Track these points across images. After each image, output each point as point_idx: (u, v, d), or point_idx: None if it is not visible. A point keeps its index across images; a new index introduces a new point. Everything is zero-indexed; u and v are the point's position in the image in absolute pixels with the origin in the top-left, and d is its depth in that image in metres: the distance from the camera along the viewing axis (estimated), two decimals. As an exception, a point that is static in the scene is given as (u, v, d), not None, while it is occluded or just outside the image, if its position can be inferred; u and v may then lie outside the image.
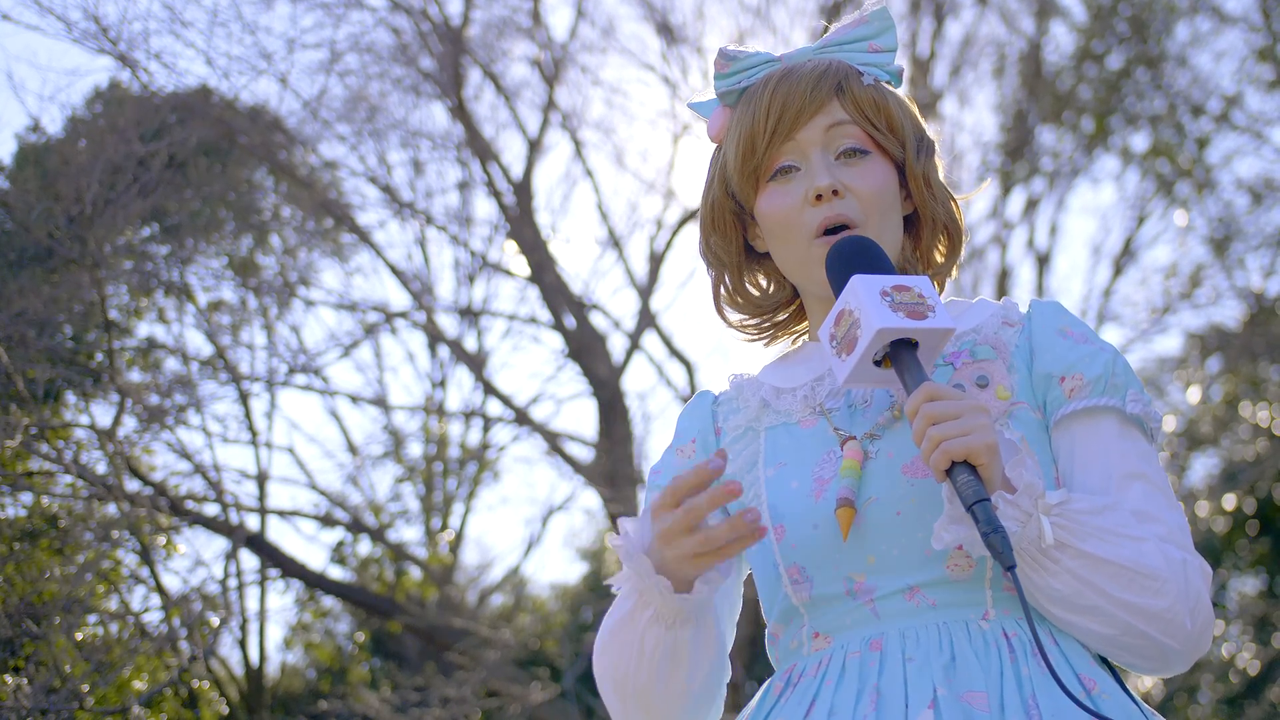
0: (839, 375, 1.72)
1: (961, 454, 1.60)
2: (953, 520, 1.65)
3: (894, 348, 1.68)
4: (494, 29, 10.27)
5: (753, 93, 1.91)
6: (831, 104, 1.87)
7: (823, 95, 1.87)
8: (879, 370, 1.71)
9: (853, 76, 1.89)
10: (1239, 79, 11.80)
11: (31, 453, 7.14)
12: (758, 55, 1.94)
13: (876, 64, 1.93)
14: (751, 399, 1.95)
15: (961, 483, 1.60)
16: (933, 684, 1.65)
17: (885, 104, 1.90)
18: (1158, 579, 1.67)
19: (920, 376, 1.67)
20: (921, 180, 1.92)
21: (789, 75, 1.89)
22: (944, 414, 1.62)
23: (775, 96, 1.87)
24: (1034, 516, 1.64)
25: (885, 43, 1.94)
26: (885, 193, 1.87)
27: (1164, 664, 1.74)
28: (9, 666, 6.28)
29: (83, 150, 7.94)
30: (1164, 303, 12.05)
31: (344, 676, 13.14)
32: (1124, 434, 1.80)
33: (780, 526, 1.82)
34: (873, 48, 1.94)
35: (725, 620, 1.92)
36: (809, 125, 1.87)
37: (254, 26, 10.57)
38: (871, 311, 1.67)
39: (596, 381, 10.04)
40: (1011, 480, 1.65)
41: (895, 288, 1.70)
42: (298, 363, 10.05)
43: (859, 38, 1.94)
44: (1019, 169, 11.98)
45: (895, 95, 1.94)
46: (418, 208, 10.32)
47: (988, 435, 1.62)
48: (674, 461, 1.98)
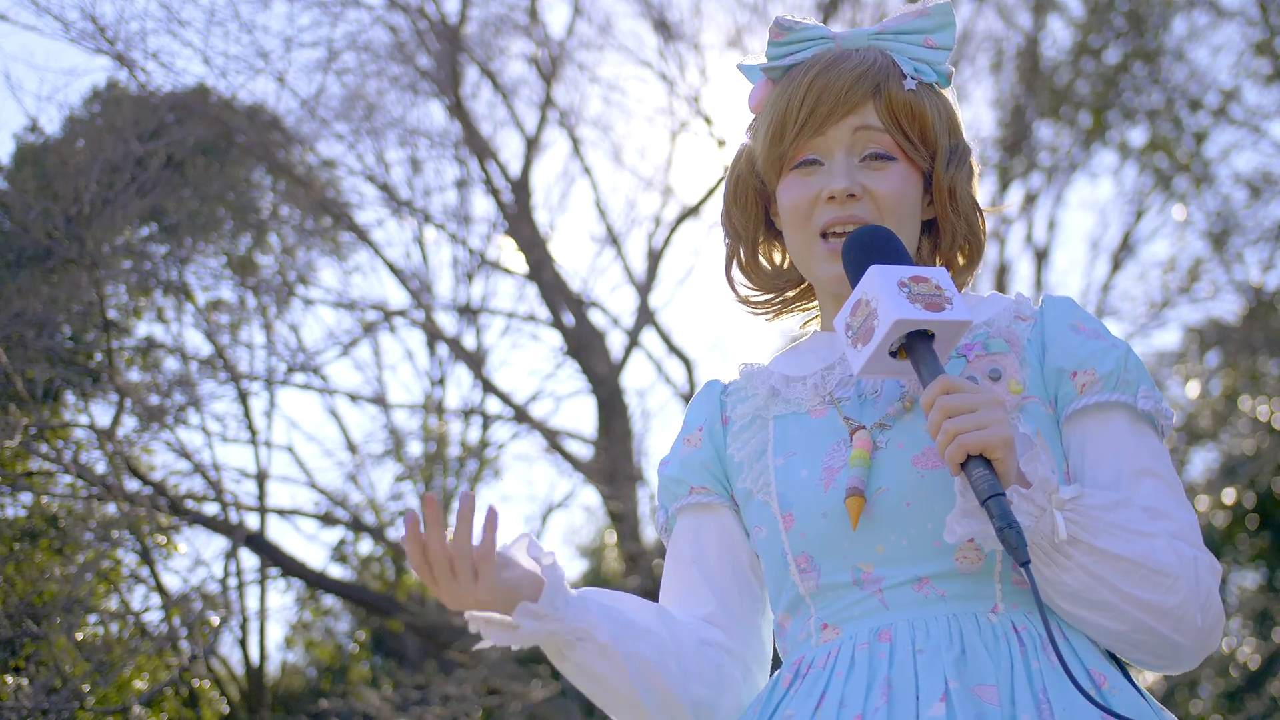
0: (854, 365, 1.71)
1: (977, 447, 1.60)
2: (965, 514, 1.65)
3: (910, 339, 1.68)
4: (491, 27, 10.28)
5: (794, 75, 1.89)
6: (866, 106, 1.86)
7: (858, 96, 1.85)
8: (894, 361, 1.70)
9: (895, 78, 1.87)
10: (1236, 73, 11.80)
11: (31, 453, 7.14)
12: (813, 29, 1.92)
13: (928, 61, 1.90)
14: (760, 387, 1.94)
15: (977, 477, 1.60)
16: (944, 676, 1.64)
17: (921, 110, 1.87)
18: (1170, 576, 1.67)
19: (936, 368, 1.67)
20: (946, 192, 1.91)
21: (831, 66, 1.87)
22: (960, 407, 1.62)
23: (812, 88, 1.86)
24: (1048, 511, 1.64)
25: (942, 40, 1.92)
26: (904, 199, 1.86)
27: (1174, 660, 1.74)
28: (9, 666, 6.28)
29: (81, 150, 7.94)
30: (1163, 297, 12.05)
31: (344, 675, 13.14)
32: (1135, 430, 1.79)
33: (789, 515, 1.82)
34: (929, 43, 1.91)
35: (722, 593, 1.93)
36: (839, 124, 1.86)
37: (251, 25, 10.54)
38: (889, 302, 1.66)
39: (595, 379, 10.04)
40: (1026, 474, 1.65)
41: (913, 278, 1.70)
42: (297, 361, 10.06)
43: (917, 30, 1.91)
44: (1017, 164, 11.98)
45: (937, 99, 1.91)
46: (416, 206, 10.32)
47: (1004, 429, 1.61)
48: (681, 451, 1.98)
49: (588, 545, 16.22)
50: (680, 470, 1.96)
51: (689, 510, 1.95)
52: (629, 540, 9.61)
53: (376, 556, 11.89)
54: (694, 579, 1.92)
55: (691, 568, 1.93)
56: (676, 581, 1.95)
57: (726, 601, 1.91)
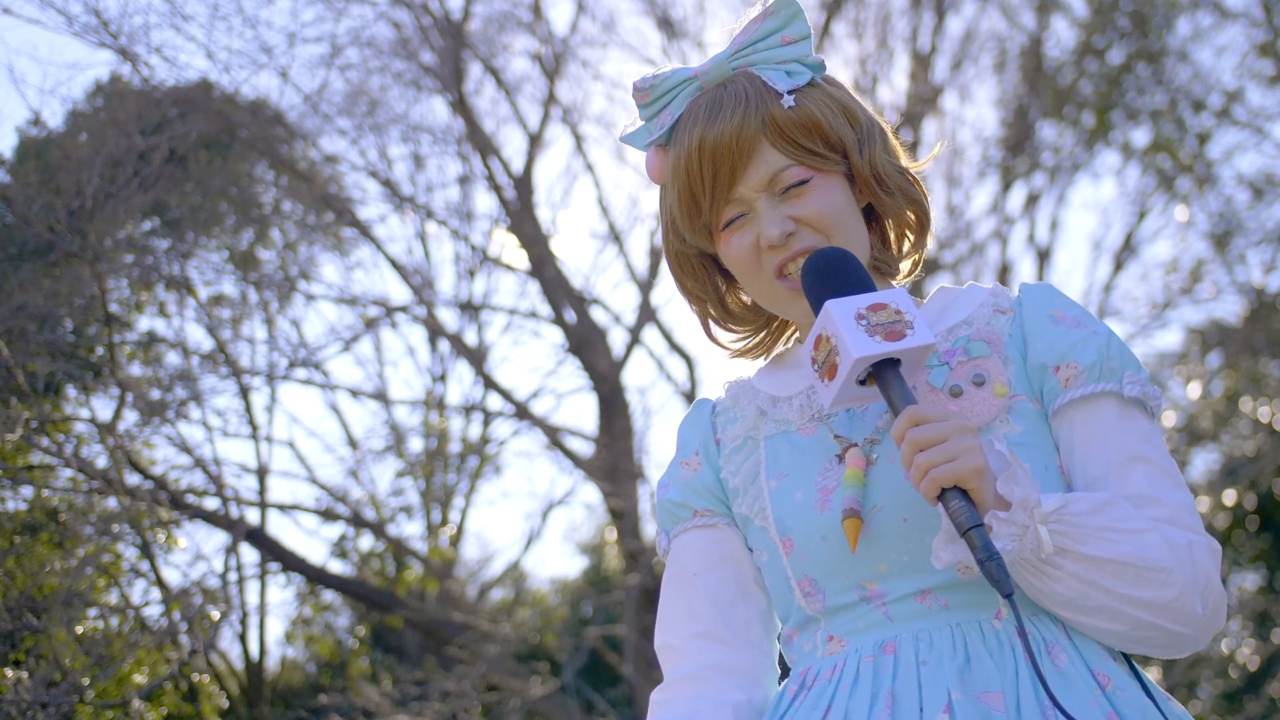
0: (824, 400, 1.71)
1: (950, 480, 1.59)
2: (950, 539, 1.64)
3: (876, 368, 1.67)
4: (495, 23, 10.27)
5: (679, 140, 1.85)
6: (761, 146, 1.81)
7: (749, 138, 1.80)
8: (864, 389, 1.70)
9: (772, 101, 1.82)
10: (1240, 74, 11.78)
11: (32, 446, 7.14)
12: (672, 76, 1.88)
13: (794, 57, 1.86)
14: (748, 408, 1.94)
15: (954, 509, 1.59)
16: (947, 688, 1.64)
17: (813, 120, 1.82)
18: (1163, 570, 1.66)
19: (905, 396, 1.66)
20: (870, 178, 1.87)
21: (712, 120, 1.82)
22: (929, 439, 1.61)
23: (704, 153, 1.82)
24: (1031, 528, 1.63)
25: (797, 31, 1.87)
26: (836, 210, 1.83)
27: (1179, 648, 1.74)
28: (9, 660, 6.29)
29: (83, 144, 7.93)
30: (1164, 298, 12.04)
31: (344, 670, 13.14)
32: (1123, 416, 1.78)
33: (788, 540, 1.82)
34: (785, 39, 1.87)
35: (727, 616, 1.91)
36: (744, 179, 1.82)
37: (255, 20, 10.56)
38: (849, 339, 1.65)
39: (597, 376, 10.03)
40: (1005, 495, 1.64)
41: (870, 308, 1.68)
42: (298, 357, 10.05)
43: (769, 32, 1.87)
44: (1020, 164, 11.97)
45: (824, 96, 1.86)
46: (418, 202, 10.32)
47: (975, 458, 1.60)
48: (679, 475, 1.97)
49: (588, 542, 16.24)
50: (683, 495, 1.95)
51: (691, 530, 1.95)
52: (629, 537, 9.61)
53: (377, 552, 11.89)
54: (693, 594, 1.90)
55: (693, 581, 1.91)
56: (677, 598, 1.93)
57: (729, 614, 1.89)
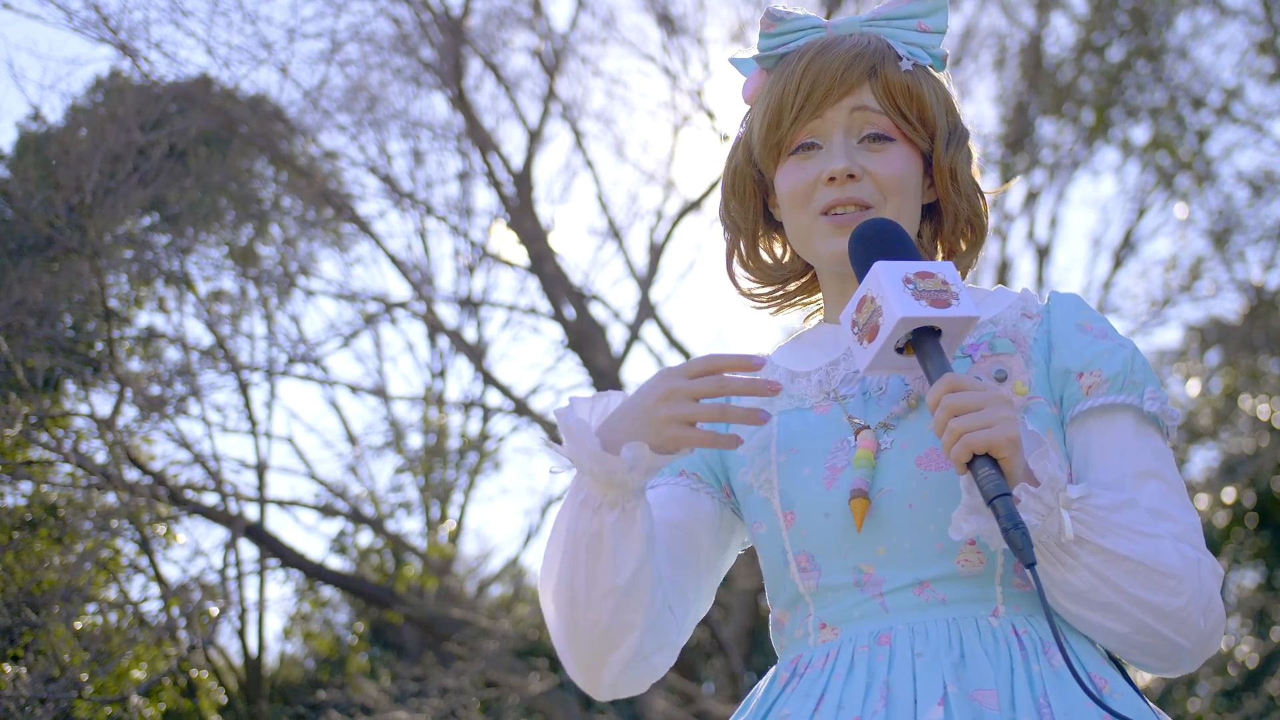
0: (860, 362, 1.70)
1: (983, 446, 1.58)
2: (971, 510, 1.63)
3: (916, 335, 1.66)
4: (495, 19, 10.26)
5: (788, 62, 1.87)
6: (862, 87, 1.84)
7: (854, 77, 1.83)
8: (901, 357, 1.69)
9: (890, 60, 1.85)
10: (1239, 72, 11.78)
11: (31, 442, 7.14)
12: (804, 19, 1.90)
13: (922, 44, 1.89)
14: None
15: (983, 476, 1.58)
16: (942, 681, 1.64)
17: (919, 91, 1.86)
18: (1175, 578, 1.66)
19: (943, 366, 1.65)
20: (947, 173, 1.89)
21: (825, 50, 1.85)
22: (966, 405, 1.60)
23: (807, 72, 1.84)
24: (1055, 510, 1.62)
25: (935, 23, 1.90)
26: (904, 180, 1.84)
27: (1175, 663, 1.73)
28: (8, 655, 6.28)
29: (83, 139, 7.93)
30: (1164, 295, 12.03)
31: (343, 666, 13.14)
32: (1140, 432, 1.78)
33: (790, 513, 1.81)
34: (922, 26, 1.89)
35: (666, 558, 1.82)
36: (836, 106, 1.84)
37: (254, 16, 10.58)
38: (894, 299, 1.64)
39: (596, 372, 10.02)
40: (1035, 473, 1.63)
41: (919, 274, 1.67)
42: (297, 352, 10.05)
43: (909, 14, 1.90)
44: (1019, 161, 11.96)
45: (933, 81, 1.90)
46: (418, 198, 10.31)
47: (1010, 428, 1.59)
48: None
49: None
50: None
51: (667, 485, 1.92)
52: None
53: (376, 548, 11.90)
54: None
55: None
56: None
57: (664, 549, 1.83)
